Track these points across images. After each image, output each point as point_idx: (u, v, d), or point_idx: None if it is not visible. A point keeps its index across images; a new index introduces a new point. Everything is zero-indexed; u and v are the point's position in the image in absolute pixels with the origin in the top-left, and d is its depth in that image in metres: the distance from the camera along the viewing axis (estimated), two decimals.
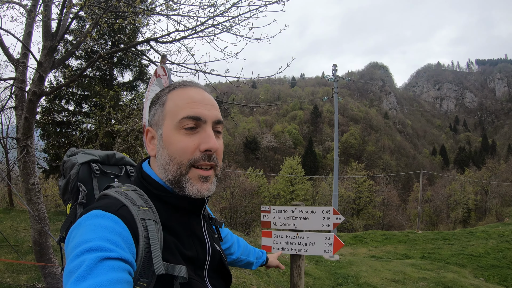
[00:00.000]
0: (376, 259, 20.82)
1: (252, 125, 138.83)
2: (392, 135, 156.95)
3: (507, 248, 25.66)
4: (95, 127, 16.21)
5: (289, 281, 6.13)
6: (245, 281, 8.95)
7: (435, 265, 19.08)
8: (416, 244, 27.56)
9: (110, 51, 9.16)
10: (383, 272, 15.20)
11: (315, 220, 5.83)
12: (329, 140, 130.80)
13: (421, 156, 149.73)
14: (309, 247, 5.84)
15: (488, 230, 33.00)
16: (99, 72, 20.29)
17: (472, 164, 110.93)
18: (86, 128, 18.45)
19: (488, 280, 18.23)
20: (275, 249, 6.02)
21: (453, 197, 61.14)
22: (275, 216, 6.05)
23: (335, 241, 5.76)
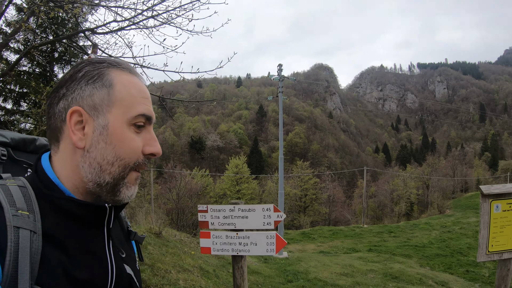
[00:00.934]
0: (324, 254, 20.88)
1: (197, 125, 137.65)
2: (337, 134, 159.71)
3: (449, 238, 26.43)
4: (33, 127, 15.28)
5: (233, 283, 6.02)
6: (193, 283, 8.47)
7: (382, 257, 19.29)
8: (363, 238, 27.90)
9: (43, 42, 8.56)
10: (332, 267, 15.14)
11: (255, 219, 5.67)
12: (274, 139, 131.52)
13: (364, 154, 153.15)
14: (250, 247, 5.71)
15: (430, 222, 34.01)
16: (39, 68, 19.11)
17: (413, 161, 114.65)
18: (24, 128, 17.38)
19: (433, 268, 18.53)
20: (215, 250, 5.88)
21: (396, 192, 62.81)
22: (213, 216, 5.84)
23: (277, 240, 5.65)
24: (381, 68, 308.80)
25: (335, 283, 12.20)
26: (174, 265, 9.36)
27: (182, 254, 10.87)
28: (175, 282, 8.02)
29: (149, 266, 8.54)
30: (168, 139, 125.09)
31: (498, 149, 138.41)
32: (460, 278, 16.58)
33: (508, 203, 4.68)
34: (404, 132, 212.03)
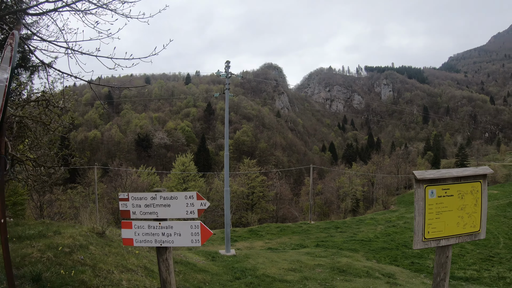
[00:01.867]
0: (272, 251, 20.95)
1: (144, 122, 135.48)
2: (284, 133, 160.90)
3: (394, 232, 27.26)
4: None
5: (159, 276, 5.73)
6: (137, 283, 8.23)
7: (329, 252, 19.56)
8: (310, 234, 28.20)
9: None
10: (280, 263, 15.18)
11: (178, 207, 5.49)
12: (222, 137, 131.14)
13: (311, 153, 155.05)
14: (174, 238, 5.49)
15: (376, 217, 34.94)
16: None
17: (359, 159, 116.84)
18: None
19: (380, 261, 18.99)
20: (138, 242, 5.66)
21: (342, 189, 63.99)
22: (134, 204, 5.61)
23: (203, 230, 5.46)
24: (329, 69, 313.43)
25: (283, 278, 12.21)
26: (117, 265, 9.08)
27: (126, 254, 10.58)
28: (117, 282, 7.77)
29: (91, 266, 8.23)
30: (115, 136, 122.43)
31: (440, 149, 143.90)
32: (406, 269, 17.11)
33: (443, 189, 4.70)
34: (351, 131, 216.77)
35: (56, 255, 8.45)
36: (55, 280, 6.91)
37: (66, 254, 8.69)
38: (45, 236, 10.09)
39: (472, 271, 17.89)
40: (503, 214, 35.38)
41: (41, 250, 8.62)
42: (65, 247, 9.12)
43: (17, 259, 8.02)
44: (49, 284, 6.68)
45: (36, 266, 7.36)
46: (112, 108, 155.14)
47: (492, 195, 46.33)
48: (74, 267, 7.82)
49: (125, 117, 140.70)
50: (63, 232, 10.71)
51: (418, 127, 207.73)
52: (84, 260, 8.54)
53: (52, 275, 7.15)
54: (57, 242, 9.39)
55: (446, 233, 4.72)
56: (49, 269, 7.44)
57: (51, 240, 9.59)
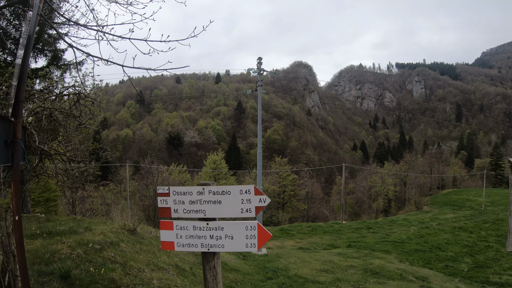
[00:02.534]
0: (303, 251, 20.76)
1: (175, 121, 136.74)
2: (315, 132, 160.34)
3: (427, 234, 26.72)
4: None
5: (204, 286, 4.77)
6: (169, 282, 8.08)
7: (361, 253, 19.24)
8: (342, 234, 27.89)
9: None
10: (311, 263, 14.96)
11: (230, 204, 4.57)
12: (252, 136, 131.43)
13: (342, 151, 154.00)
14: (225, 242, 4.59)
15: (408, 218, 34.37)
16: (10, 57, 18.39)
17: (390, 158, 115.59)
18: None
19: (413, 263, 18.63)
20: (180, 246, 4.77)
21: (374, 189, 63.20)
22: (177, 201, 4.73)
23: (260, 232, 4.53)
24: (360, 67, 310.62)
25: (316, 279, 11.95)
26: (148, 264, 8.94)
27: (157, 251, 10.47)
28: (148, 281, 7.60)
29: (121, 264, 8.11)
30: (146, 135, 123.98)
31: (474, 148, 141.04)
32: (440, 273, 16.69)
33: None
34: (382, 130, 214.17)
35: (86, 251, 8.36)
36: (84, 278, 6.79)
37: (96, 251, 8.59)
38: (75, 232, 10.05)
39: (508, 276, 17.30)
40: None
41: (71, 246, 8.55)
42: (95, 244, 9.03)
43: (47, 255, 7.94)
44: (78, 282, 6.55)
45: (65, 263, 7.26)
46: (143, 107, 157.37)
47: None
48: (104, 265, 7.71)
49: (156, 116, 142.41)
50: (94, 229, 10.66)
51: (451, 125, 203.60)
52: (114, 258, 8.42)
53: (81, 273, 7.03)
54: (87, 239, 9.32)
55: None
56: (78, 266, 7.33)
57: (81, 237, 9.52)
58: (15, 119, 3.91)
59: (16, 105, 3.88)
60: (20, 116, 4.02)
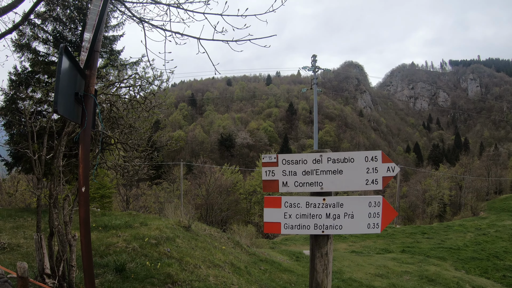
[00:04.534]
0: (357, 254, 20.57)
1: (227, 122, 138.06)
2: (367, 133, 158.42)
3: (485, 241, 25.82)
4: None
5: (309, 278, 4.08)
6: (225, 280, 7.98)
7: (416, 259, 18.94)
8: (395, 238, 27.35)
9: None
10: (365, 267, 14.74)
11: (353, 174, 3.86)
12: (304, 137, 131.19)
13: (395, 153, 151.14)
14: (343, 221, 3.83)
15: (465, 224, 33.34)
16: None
17: (445, 161, 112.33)
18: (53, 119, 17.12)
19: (469, 272, 18.07)
20: (288, 228, 3.98)
21: (428, 193, 61.55)
22: (287, 171, 4.00)
23: (385, 209, 3.82)
24: (412, 65, 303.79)
25: (371, 284, 11.74)
26: (204, 260, 8.89)
27: (212, 248, 10.44)
28: (205, 278, 7.51)
29: (177, 260, 8.08)
30: (198, 136, 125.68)
31: None
32: (497, 283, 16.25)
33: None
34: (436, 131, 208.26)
35: (141, 246, 8.40)
36: (139, 272, 6.76)
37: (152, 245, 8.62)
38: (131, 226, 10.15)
39: None
40: None
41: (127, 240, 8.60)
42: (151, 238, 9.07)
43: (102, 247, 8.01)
44: (133, 275, 6.52)
45: (120, 256, 7.27)
46: (195, 109, 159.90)
47: None
48: (160, 260, 7.69)
49: (208, 118, 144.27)
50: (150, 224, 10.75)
51: (508, 125, 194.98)
52: (170, 253, 8.42)
53: (137, 266, 7.02)
54: (143, 233, 9.38)
55: None
56: (134, 259, 7.34)
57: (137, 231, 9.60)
58: (89, 70, 3.60)
59: (91, 55, 3.55)
60: (95, 68, 3.69)
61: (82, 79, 3.56)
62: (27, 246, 8.12)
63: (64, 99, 3.17)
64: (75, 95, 3.39)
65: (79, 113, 3.53)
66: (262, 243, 21.53)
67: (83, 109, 3.51)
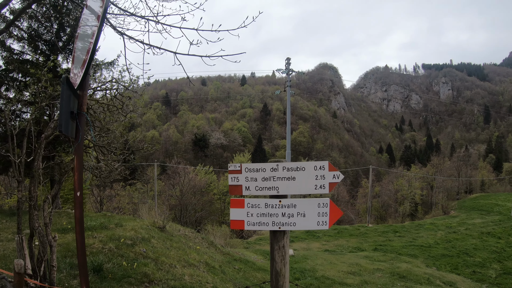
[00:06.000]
0: (330, 253, 20.85)
1: (201, 123, 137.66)
2: (340, 134, 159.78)
3: (455, 239, 26.48)
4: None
5: (270, 267, 4.76)
6: (200, 279, 8.15)
7: (388, 257, 19.27)
8: (368, 237, 27.82)
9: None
10: (338, 265, 15.01)
11: (304, 181, 4.61)
12: (278, 138, 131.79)
13: (368, 154, 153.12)
14: (296, 219, 4.59)
15: (436, 222, 34.11)
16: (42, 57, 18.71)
17: (417, 161, 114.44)
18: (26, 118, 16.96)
19: (440, 269, 18.50)
20: (250, 224, 4.76)
21: (400, 192, 62.53)
22: (249, 178, 4.76)
23: (332, 209, 4.55)
24: (385, 68, 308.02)
25: (343, 281, 11.97)
26: (179, 260, 9.05)
27: (187, 248, 10.59)
28: (180, 277, 7.68)
29: (153, 259, 8.23)
30: (172, 136, 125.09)
31: (502, 151, 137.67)
32: (467, 278, 16.63)
33: None
34: (408, 132, 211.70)
35: (117, 246, 8.51)
36: (116, 272, 6.90)
37: (128, 246, 8.74)
38: (106, 227, 10.23)
39: None
40: None
41: (103, 241, 8.71)
42: (127, 239, 9.19)
43: None
44: (111, 275, 6.66)
45: (97, 257, 7.39)
46: (169, 109, 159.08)
47: None
48: (136, 260, 7.83)
49: (182, 118, 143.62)
50: (125, 225, 10.85)
51: (479, 127, 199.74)
52: (146, 253, 8.55)
53: (114, 266, 7.15)
54: (118, 234, 9.49)
55: None
56: (110, 260, 7.46)
57: (112, 232, 9.70)
58: (81, 91, 3.99)
59: (85, 78, 3.92)
60: (86, 89, 4.11)
61: (75, 98, 3.97)
62: (3, 249, 8.16)
63: (65, 120, 3.67)
64: (71, 113, 3.82)
65: (73, 128, 3.95)
66: (236, 243, 21.69)
67: (77, 125, 3.94)
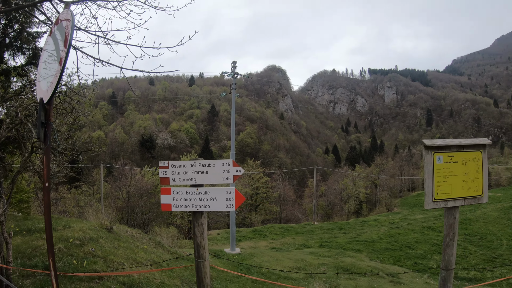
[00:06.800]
0: (276, 250, 21.09)
1: (148, 123, 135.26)
2: (287, 135, 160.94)
3: (398, 233, 27.46)
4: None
5: (193, 241, 6.03)
6: (148, 275, 8.36)
7: (333, 252, 19.78)
8: (314, 234, 28.33)
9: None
10: (284, 261, 15.36)
11: (215, 174, 5.82)
12: (225, 139, 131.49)
13: (314, 155, 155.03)
14: (210, 203, 5.82)
15: (379, 219, 35.12)
16: None
17: (362, 161, 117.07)
18: None
19: (383, 261, 19.19)
20: (176, 207, 6.00)
21: (345, 191, 64.05)
22: (174, 172, 6.00)
23: (237, 195, 5.79)
24: (333, 72, 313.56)
25: (289, 276, 12.33)
26: (127, 258, 9.20)
27: (134, 248, 10.71)
28: (129, 274, 7.87)
29: (102, 258, 8.36)
30: (118, 137, 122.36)
31: None
32: (409, 269, 17.24)
33: (449, 155, 5.13)
34: (354, 134, 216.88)
35: (67, 246, 8.59)
36: (67, 270, 7.03)
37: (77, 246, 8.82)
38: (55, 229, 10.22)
39: (475, 272, 18.01)
40: (506, 217, 35.39)
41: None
42: (75, 239, 9.25)
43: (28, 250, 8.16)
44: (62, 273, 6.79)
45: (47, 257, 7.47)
46: (115, 109, 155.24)
47: (496, 197, 46.62)
48: (85, 258, 7.95)
49: (128, 118, 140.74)
50: (73, 226, 10.85)
51: (421, 129, 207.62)
52: (95, 252, 8.67)
53: (65, 265, 7.27)
54: (67, 235, 9.53)
55: (453, 195, 5.14)
56: (61, 259, 7.56)
57: (61, 233, 9.72)
58: (49, 105, 4.57)
59: (53, 94, 4.50)
60: (52, 103, 4.74)
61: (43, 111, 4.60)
62: None
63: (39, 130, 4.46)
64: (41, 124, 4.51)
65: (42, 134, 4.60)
66: (184, 244, 21.75)
67: (45, 132, 4.57)
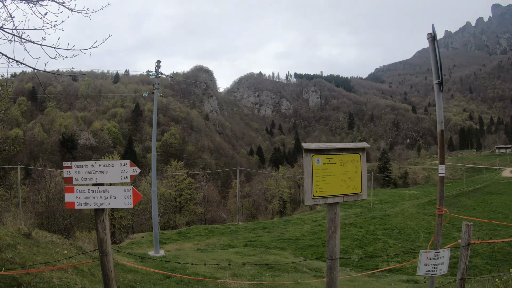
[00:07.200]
0: (201, 251, 21.09)
1: (69, 121, 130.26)
2: (212, 136, 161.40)
3: (320, 231, 28.39)
4: None
5: (96, 236, 6.21)
6: (69, 281, 8.18)
7: (257, 251, 20.10)
8: (238, 234, 28.54)
9: None
10: (209, 261, 15.41)
11: (113, 173, 6.12)
12: (149, 139, 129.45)
13: (239, 156, 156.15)
14: (110, 201, 6.07)
15: (302, 217, 36.09)
16: None
17: (286, 162, 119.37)
18: None
19: (307, 258, 19.68)
20: (79, 204, 6.18)
21: (269, 192, 65.05)
22: (77, 172, 6.17)
23: (134, 193, 6.12)
24: (260, 75, 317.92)
25: (213, 275, 12.44)
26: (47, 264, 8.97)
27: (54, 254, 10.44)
28: (48, 280, 7.71)
29: (20, 264, 8.13)
30: (38, 136, 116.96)
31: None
32: None
33: (327, 158, 5.61)
34: (278, 136, 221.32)
35: None
36: None
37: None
38: None
39: (395, 262, 19.01)
40: (422, 212, 38.84)
41: None
42: None
43: None
44: None
45: None
46: (35, 105, 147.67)
47: (413, 195, 50.41)
48: (3, 265, 7.71)
49: (49, 116, 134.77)
50: None
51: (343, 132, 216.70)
52: (13, 259, 8.41)
53: None
54: None
55: (332, 193, 5.60)
56: None
57: None
58: None
59: None
60: None
61: None
62: None
63: None
64: None
65: None
66: None
67: None
